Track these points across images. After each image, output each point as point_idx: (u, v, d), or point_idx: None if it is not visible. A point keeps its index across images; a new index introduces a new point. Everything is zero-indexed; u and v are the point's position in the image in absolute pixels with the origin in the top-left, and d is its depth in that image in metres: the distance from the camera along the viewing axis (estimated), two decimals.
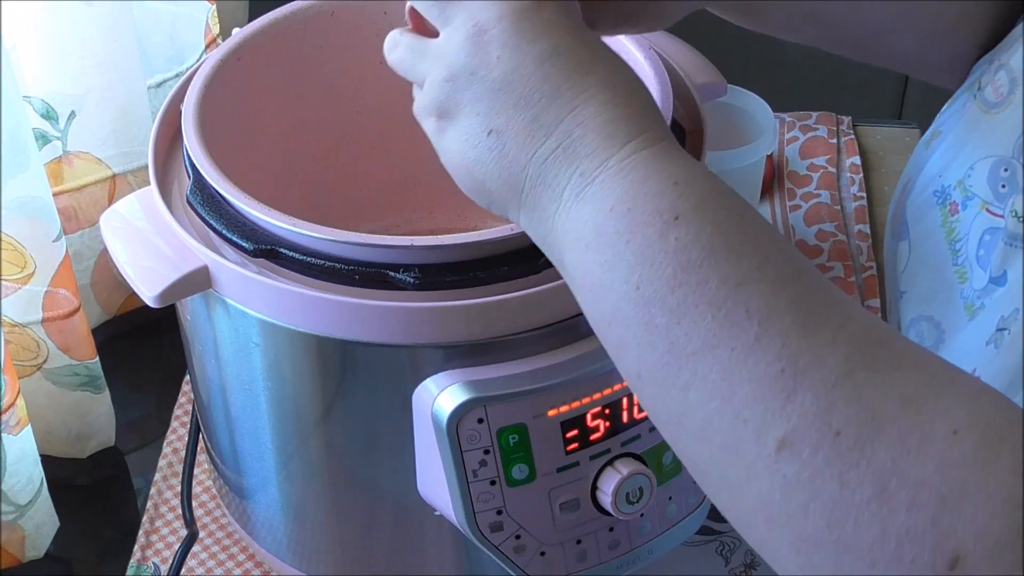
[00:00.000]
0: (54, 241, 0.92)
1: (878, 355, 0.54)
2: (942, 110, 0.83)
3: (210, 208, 0.76)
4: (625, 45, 0.84)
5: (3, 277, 0.93)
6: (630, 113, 0.61)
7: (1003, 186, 0.74)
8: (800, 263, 0.57)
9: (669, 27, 0.82)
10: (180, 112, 0.80)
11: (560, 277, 0.72)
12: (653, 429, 0.76)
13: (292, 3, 0.88)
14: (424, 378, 0.73)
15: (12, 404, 0.88)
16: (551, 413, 0.74)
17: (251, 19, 0.88)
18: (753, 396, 0.54)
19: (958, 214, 0.77)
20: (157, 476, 1.00)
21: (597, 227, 0.58)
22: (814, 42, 0.85)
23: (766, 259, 0.56)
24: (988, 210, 0.75)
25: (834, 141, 1.25)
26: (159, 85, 1.08)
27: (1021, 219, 0.71)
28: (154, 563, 0.94)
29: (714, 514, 0.95)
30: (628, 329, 0.57)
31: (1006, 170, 0.74)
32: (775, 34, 0.85)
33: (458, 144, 0.63)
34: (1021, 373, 0.69)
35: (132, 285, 0.76)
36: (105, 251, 0.84)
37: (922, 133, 1.27)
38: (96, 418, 1.01)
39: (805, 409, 0.52)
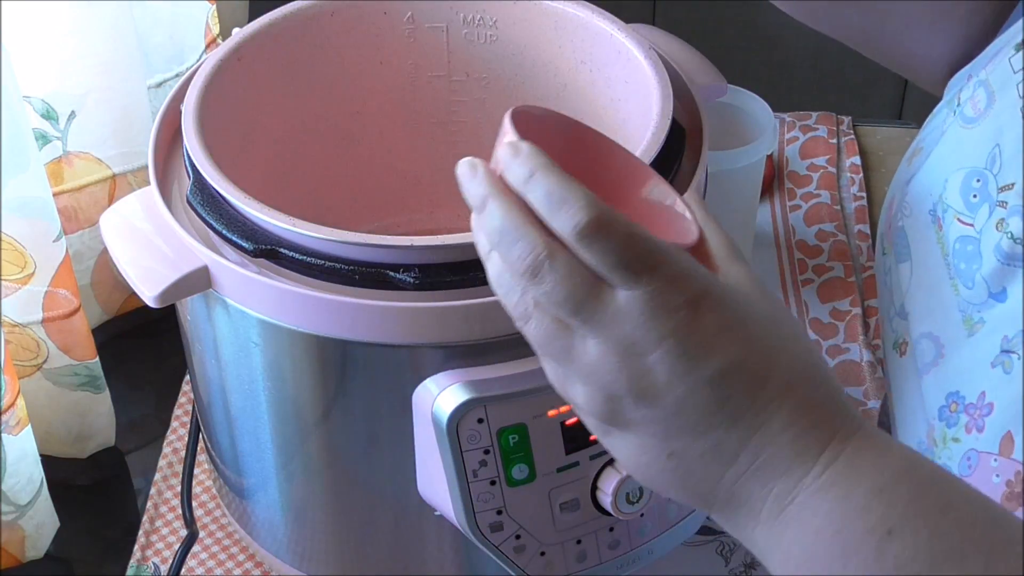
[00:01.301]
0: (54, 241, 0.92)
1: None
2: (924, 125, 0.83)
3: (210, 208, 0.76)
4: (625, 45, 0.84)
5: (3, 277, 0.93)
6: (818, 416, 0.57)
7: (974, 196, 0.75)
8: (1011, 528, 0.54)
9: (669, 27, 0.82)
10: (180, 112, 0.80)
11: None
12: None
13: (292, 3, 0.88)
14: (424, 378, 0.73)
15: (12, 404, 0.88)
16: (551, 413, 0.74)
17: (251, 19, 0.88)
18: None
19: (943, 229, 0.77)
20: (157, 476, 1.00)
21: (805, 550, 0.55)
22: (842, 35, 0.84)
23: (990, 552, 0.54)
24: (959, 220, 0.75)
25: (834, 141, 1.25)
26: (159, 85, 1.08)
27: (1017, 240, 0.71)
28: (154, 563, 0.94)
29: None
30: None
31: (978, 181, 0.75)
32: (808, 20, 0.83)
33: (633, 456, 0.59)
34: None
35: (132, 285, 0.76)
36: (105, 251, 0.84)
37: None
38: (96, 418, 1.01)
39: None
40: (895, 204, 0.84)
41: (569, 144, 0.63)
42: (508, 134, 0.59)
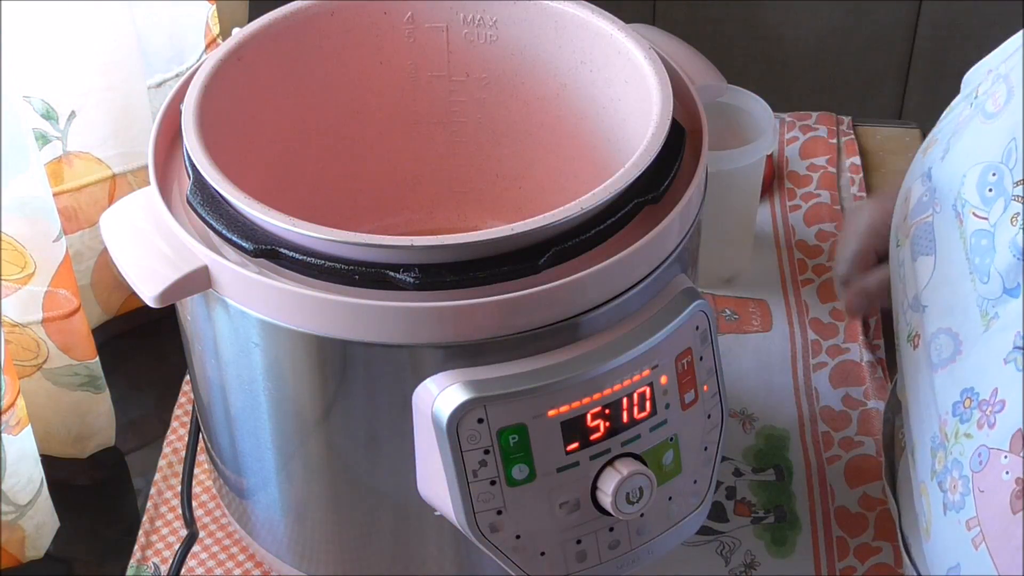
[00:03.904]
0: (54, 241, 0.92)
1: None
2: (941, 117, 0.84)
3: (210, 208, 0.76)
4: (625, 45, 0.84)
5: (3, 277, 0.93)
6: None
7: (990, 190, 0.75)
8: None
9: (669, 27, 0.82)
10: (180, 112, 0.80)
11: (560, 277, 0.73)
12: (653, 429, 0.76)
13: (292, 3, 0.88)
14: (424, 378, 0.73)
15: (12, 404, 0.88)
16: (551, 413, 0.74)
17: (251, 19, 0.88)
18: None
19: (963, 224, 0.77)
20: (157, 476, 1.00)
21: None
22: None
23: None
24: (975, 214, 0.76)
25: (834, 141, 1.25)
26: (159, 85, 1.08)
27: None
28: (154, 563, 0.94)
29: (714, 514, 0.95)
30: None
31: (994, 175, 0.75)
32: None
33: None
34: None
35: (132, 285, 0.76)
36: (105, 251, 0.84)
37: (923, 134, 1.27)
38: (96, 418, 1.01)
39: None
40: (912, 197, 0.84)
41: None
42: None
